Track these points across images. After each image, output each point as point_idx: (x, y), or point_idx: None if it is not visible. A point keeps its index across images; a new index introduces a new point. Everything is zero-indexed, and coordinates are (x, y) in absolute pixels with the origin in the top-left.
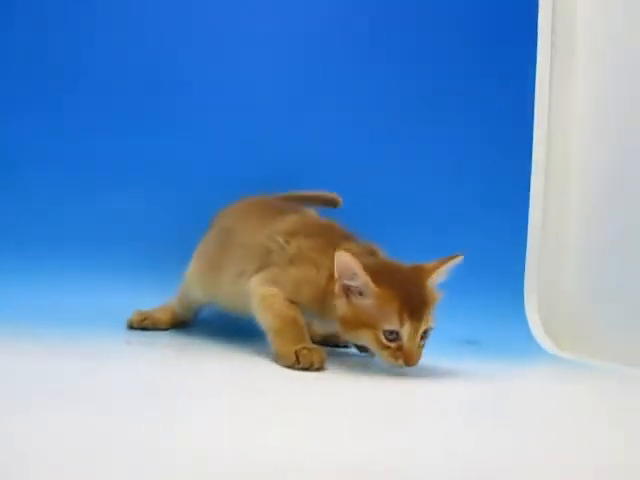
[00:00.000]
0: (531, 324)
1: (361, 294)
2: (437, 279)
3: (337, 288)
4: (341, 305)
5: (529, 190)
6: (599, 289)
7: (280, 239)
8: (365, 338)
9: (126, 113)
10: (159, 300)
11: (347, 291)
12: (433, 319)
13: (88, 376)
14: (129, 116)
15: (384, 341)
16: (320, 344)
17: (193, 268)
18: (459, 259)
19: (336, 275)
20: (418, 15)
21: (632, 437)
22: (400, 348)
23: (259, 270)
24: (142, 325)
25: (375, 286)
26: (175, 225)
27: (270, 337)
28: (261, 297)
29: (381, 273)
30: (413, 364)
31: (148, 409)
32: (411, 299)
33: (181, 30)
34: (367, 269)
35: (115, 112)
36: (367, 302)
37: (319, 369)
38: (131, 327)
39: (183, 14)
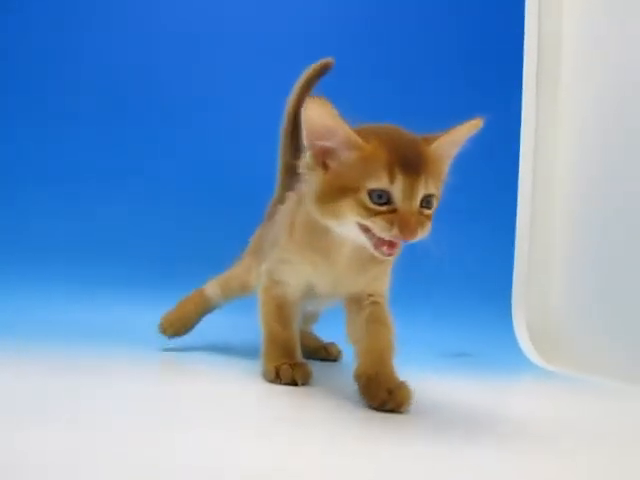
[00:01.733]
0: (519, 337)
1: (339, 156)
2: (446, 148)
3: (308, 157)
4: (314, 179)
5: (516, 205)
6: (586, 304)
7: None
8: (347, 212)
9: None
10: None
11: (322, 157)
12: (438, 187)
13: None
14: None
15: (370, 205)
16: (309, 358)
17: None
18: (475, 124)
19: (305, 137)
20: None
21: (616, 451)
22: (393, 212)
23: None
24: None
25: (359, 138)
26: (174, 238)
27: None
28: (260, 301)
29: (367, 129)
30: (411, 234)
31: (137, 424)
32: (404, 152)
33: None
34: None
35: (112, 120)
36: (348, 161)
37: (304, 384)
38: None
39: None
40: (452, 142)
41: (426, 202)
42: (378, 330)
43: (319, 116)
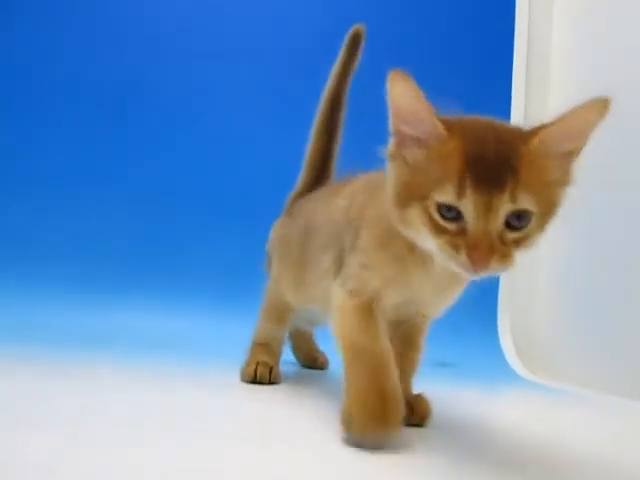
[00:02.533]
0: (504, 348)
1: (419, 147)
2: (558, 142)
3: (391, 144)
4: (395, 170)
5: None
6: (571, 316)
7: (342, 202)
8: (416, 221)
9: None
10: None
11: (403, 146)
12: (538, 201)
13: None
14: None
15: (439, 221)
16: (303, 365)
17: (279, 273)
18: (597, 106)
19: (391, 116)
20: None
21: (596, 459)
22: (463, 232)
23: (337, 263)
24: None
25: (441, 126)
26: (170, 243)
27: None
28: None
29: (460, 122)
30: (482, 264)
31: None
32: (484, 157)
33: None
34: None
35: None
36: (422, 154)
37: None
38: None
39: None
40: (566, 134)
41: (516, 221)
42: (407, 352)
43: (406, 95)
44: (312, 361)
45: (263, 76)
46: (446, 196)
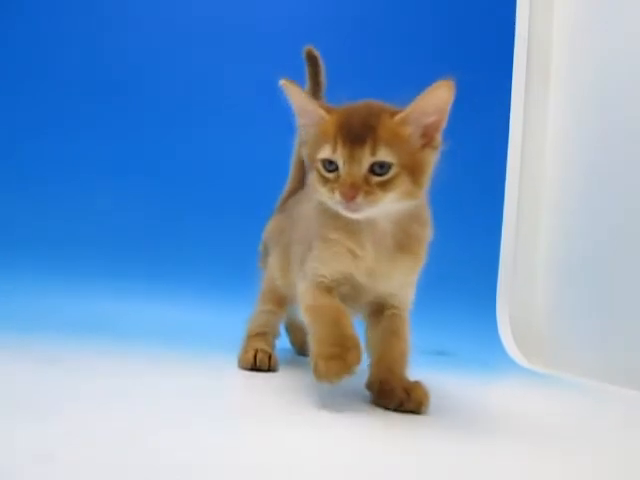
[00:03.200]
0: (503, 337)
1: (312, 128)
2: (416, 117)
3: (300, 133)
4: (303, 151)
5: (502, 207)
6: (569, 304)
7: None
8: (314, 180)
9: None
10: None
11: (305, 131)
12: (392, 155)
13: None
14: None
15: (323, 173)
16: (299, 354)
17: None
18: (440, 87)
19: (295, 113)
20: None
21: (598, 450)
22: (338, 179)
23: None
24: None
25: (324, 113)
26: (167, 235)
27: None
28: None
29: (342, 106)
30: (349, 196)
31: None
32: (350, 123)
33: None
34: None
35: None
36: (313, 132)
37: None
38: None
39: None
40: (422, 109)
41: (379, 169)
42: (391, 341)
43: (296, 97)
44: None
45: (266, 76)
46: (325, 153)
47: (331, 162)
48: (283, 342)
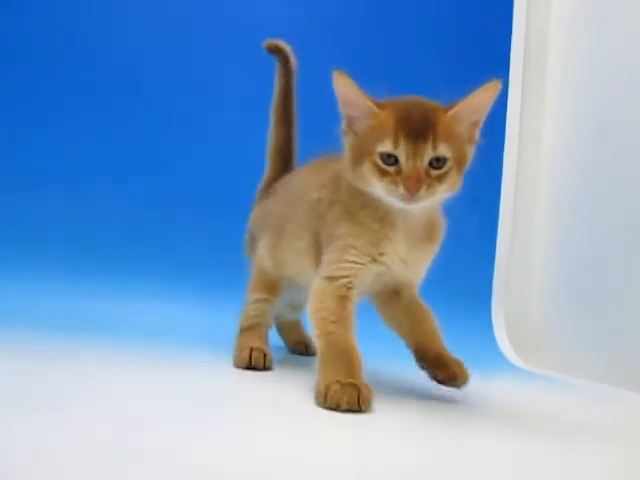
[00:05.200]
0: (498, 337)
1: (363, 121)
2: (466, 113)
3: (343, 124)
4: (347, 142)
5: (498, 206)
6: (565, 305)
7: (314, 195)
8: (368, 172)
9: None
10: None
11: (351, 124)
12: (448, 149)
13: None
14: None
15: (382, 166)
16: (292, 352)
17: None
18: (491, 87)
19: (340, 105)
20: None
21: (593, 450)
22: (399, 172)
23: (313, 249)
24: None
25: (376, 107)
26: (168, 234)
27: None
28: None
29: (387, 100)
30: (414, 190)
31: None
32: (410, 119)
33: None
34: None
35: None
36: (365, 125)
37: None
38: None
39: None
40: (471, 107)
41: (437, 163)
42: (425, 316)
43: (346, 89)
44: (305, 347)
45: (268, 76)
46: (386, 147)
47: (390, 156)
48: (274, 340)
